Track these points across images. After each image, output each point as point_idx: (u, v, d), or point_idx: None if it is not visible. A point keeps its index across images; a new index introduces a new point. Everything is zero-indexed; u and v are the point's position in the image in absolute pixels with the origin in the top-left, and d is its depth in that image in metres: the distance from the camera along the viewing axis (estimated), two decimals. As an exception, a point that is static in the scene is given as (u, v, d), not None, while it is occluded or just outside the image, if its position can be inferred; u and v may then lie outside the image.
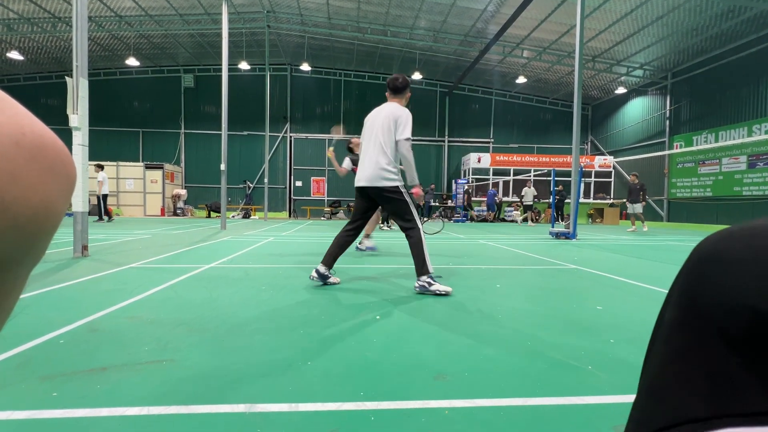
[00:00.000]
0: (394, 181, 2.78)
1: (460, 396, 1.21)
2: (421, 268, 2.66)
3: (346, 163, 5.07)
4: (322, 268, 2.82)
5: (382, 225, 9.93)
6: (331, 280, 2.90)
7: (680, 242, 7.26)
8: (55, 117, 16.89)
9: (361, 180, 2.86)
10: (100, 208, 10.80)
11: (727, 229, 0.22)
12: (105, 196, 10.79)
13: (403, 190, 2.80)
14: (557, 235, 7.74)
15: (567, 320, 2.06)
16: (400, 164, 2.88)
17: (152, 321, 1.91)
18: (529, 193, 13.90)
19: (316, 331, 1.80)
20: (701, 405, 0.19)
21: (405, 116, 2.78)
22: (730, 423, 0.18)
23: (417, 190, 2.87)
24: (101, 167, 10.83)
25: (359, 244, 4.98)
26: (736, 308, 0.19)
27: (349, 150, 5.16)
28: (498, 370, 1.41)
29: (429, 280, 2.63)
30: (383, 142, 2.80)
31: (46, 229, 0.18)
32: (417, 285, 2.66)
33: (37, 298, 2.34)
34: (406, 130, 2.75)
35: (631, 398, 1.22)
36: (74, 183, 0.20)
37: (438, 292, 2.60)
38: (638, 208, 10.35)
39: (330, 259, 2.85)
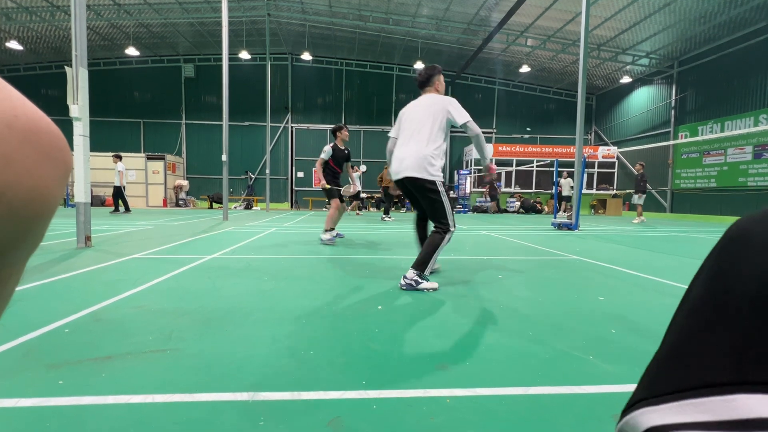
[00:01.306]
0: (435, 176, 2.62)
1: (461, 385, 1.22)
2: (420, 265, 2.51)
3: (327, 152, 4.99)
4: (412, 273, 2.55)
5: (384, 217, 9.86)
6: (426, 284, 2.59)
7: (683, 233, 7.23)
8: (56, 107, 16.84)
9: (401, 171, 2.69)
10: (117, 200, 10.74)
11: (760, 210, 0.23)
12: (120, 188, 10.64)
13: (441, 188, 2.62)
14: (559, 226, 7.73)
15: (568, 310, 2.07)
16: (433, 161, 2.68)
17: (156, 311, 1.93)
18: (565, 184, 13.40)
19: (318, 321, 1.81)
20: (723, 372, 0.20)
21: (452, 102, 2.69)
22: (749, 390, 0.19)
23: (493, 167, 2.87)
24: (119, 158, 10.71)
25: (323, 234, 5.03)
26: (767, 282, 0.20)
27: (334, 135, 5.12)
28: (499, 360, 1.42)
29: (417, 278, 2.49)
30: (428, 131, 2.66)
31: (41, 214, 0.17)
32: (403, 282, 2.50)
33: (42, 288, 2.36)
34: (462, 113, 2.66)
35: (632, 388, 1.22)
36: (70, 169, 0.20)
37: (426, 289, 2.48)
38: (636, 198, 10.27)
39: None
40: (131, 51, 15.44)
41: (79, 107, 4.03)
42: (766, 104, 11.68)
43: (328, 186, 5.09)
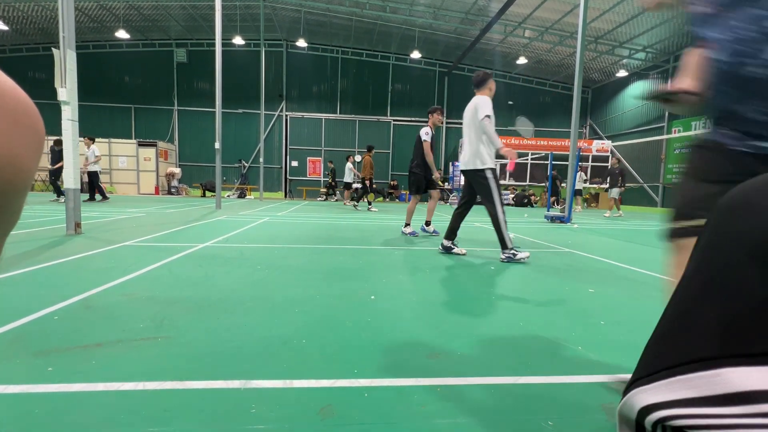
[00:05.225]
0: (483, 165, 3.29)
1: (452, 374, 1.23)
2: (502, 243, 3.23)
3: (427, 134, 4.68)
4: (447, 242, 3.50)
5: (349, 202, 9.95)
6: (456, 250, 3.49)
7: (673, 227, 7.32)
8: (44, 91, 16.38)
9: (462, 164, 3.46)
10: (93, 187, 9.54)
11: (750, 181, 0.23)
12: (97, 174, 9.49)
13: (489, 175, 3.28)
14: (552, 219, 7.79)
15: (559, 302, 2.09)
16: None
17: (147, 298, 1.91)
18: (578, 178, 13.08)
19: (310, 310, 1.81)
20: (711, 346, 0.20)
21: (482, 101, 3.28)
22: (735, 362, 0.19)
23: (505, 151, 3.25)
24: (92, 140, 9.61)
25: (426, 226, 5.05)
26: (762, 233, 0.20)
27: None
28: (490, 350, 1.44)
29: (512, 252, 3.19)
30: (475, 130, 3.34)
31: (15, 185, 0.16)
32: (503, 256, 3.23)
33: (31, 274, 2.33)
34: (482, 111, 3.24)
35: (619, 377, 1.24)
36: (43, 137, 0.19)
37: (521, 260, 3.20)
38: (614, 192, 10.49)
39: (451, 234, 3.51)
40: (121, 34, 15.05)
41: (67, 91, 3.93)
42: (759, 101, 11.77)
43: (438, 174, 4.79)
